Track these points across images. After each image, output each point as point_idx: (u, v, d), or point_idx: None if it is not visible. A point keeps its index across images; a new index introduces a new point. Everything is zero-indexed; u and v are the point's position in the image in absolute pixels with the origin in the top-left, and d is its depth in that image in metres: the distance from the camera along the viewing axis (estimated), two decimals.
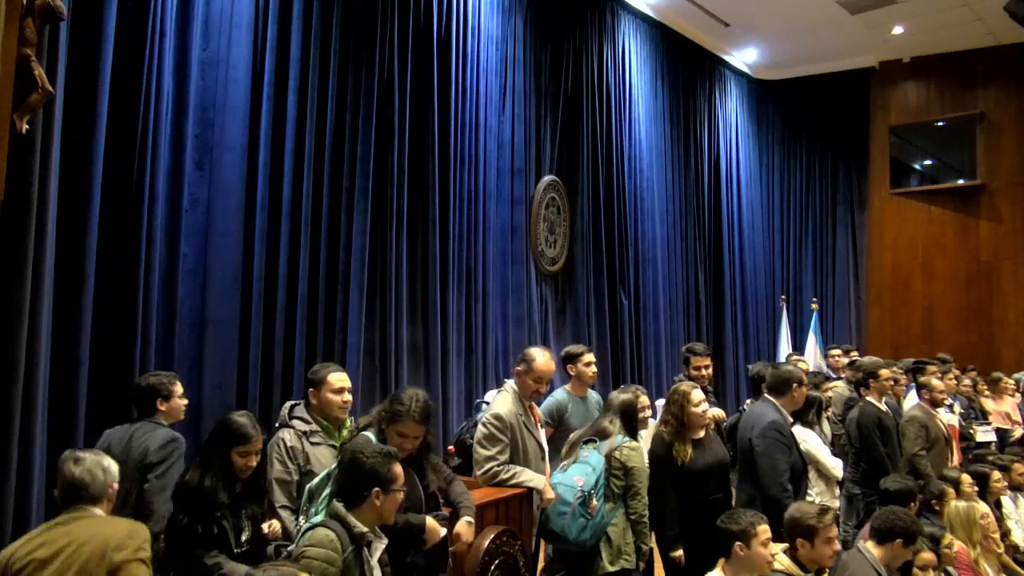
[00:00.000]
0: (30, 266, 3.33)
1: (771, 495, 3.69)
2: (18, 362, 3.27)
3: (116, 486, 2.59)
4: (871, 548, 3.32)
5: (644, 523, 3.62)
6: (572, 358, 4.44)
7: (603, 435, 3.68)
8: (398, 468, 2.54)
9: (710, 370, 4.88)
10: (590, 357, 4.47)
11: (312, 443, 3.28)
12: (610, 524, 3.53)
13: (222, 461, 2.82)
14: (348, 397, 3.41)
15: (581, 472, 3.54)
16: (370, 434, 2.98)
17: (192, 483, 2.78)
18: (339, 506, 2.50)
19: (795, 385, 3.97)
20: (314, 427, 3.32)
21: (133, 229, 4.06)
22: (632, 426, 3.76)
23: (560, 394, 4.36)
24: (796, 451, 3.84)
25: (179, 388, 3.58)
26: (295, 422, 3.34)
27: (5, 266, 3.26)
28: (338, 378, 3.38)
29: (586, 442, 3.70)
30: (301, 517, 2.92)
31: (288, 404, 3.42)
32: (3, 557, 2.36)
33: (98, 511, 2.47)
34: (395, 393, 3.03)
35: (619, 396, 3.87)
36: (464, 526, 2.99)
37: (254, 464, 2.87)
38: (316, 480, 2.91)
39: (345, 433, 3.41)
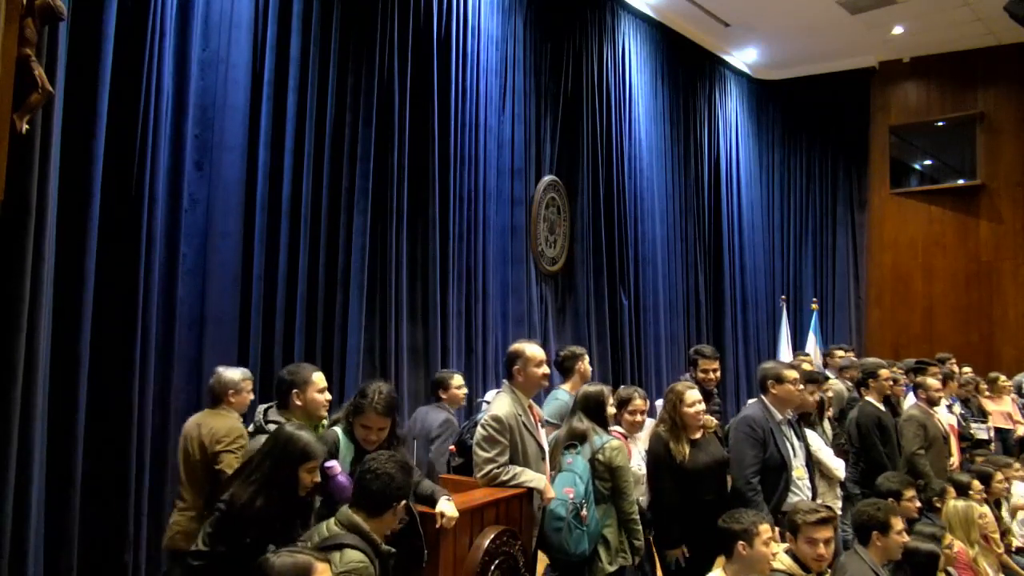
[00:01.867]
0: (30, 266, 3.33)
1: (736, 487, 3.72)
2: (18, 362, 3.27)
3: (234, 391, 3.67)
4: (864, 551, 3.32)
5: (635, 521, 3.59)
6: (577, 357, 4.54)
7: (580, 437, 3.65)
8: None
9: (718, 373, 4.87)
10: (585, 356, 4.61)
11: None
12: (605, 526, 3.51)
13: (286, 480, 2.58)
14: (329, 396, 3.36)
15: (569, 482, 3.51)
16: (338, 429, 2.99)
17: (240, 500, 2.50)
18: (358, 519, 2.48)
19: (771, 382, 3.96)
20: None
21: (133, 229, 4.06)
22: (600, 419, 3.70)
23: (563, 395, 4.36)
24: (775, 447, 3.81)
25: (457, 380, 4.85)
26: (272, 427, 3.17)
27: (5, 266, 3.26)
28: (321, 377, 3.33)
29: (567, 447, 3.65)
30: None
31: (262, 407, 3.30)
32: (186, 427, 3.61)
33: (221, 408, 3.64)
34: (360, 388, 3.03)
35: (583, 389, 3.82)
36: (444, 504, 2.96)
37: (318, 479, 2.73)
38: None
39: (320, 432, 3.34)
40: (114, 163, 3.98)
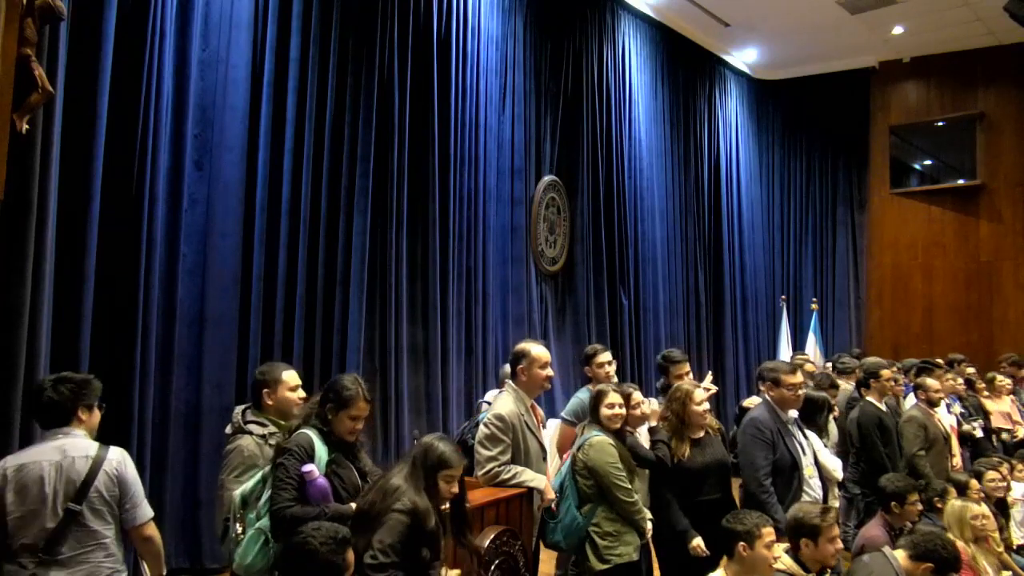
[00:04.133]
0: (30, 266, 3.33)
1: (749, 490, 3.72)
2: (19, 362, 3.27)
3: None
4: (900, 558, 3.27)
5: (636, 512, 3.55)
6: (587, 359, 4.50)
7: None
8: (351, 555, 2.32)
9: (688, 376, 4.81)
10: (602, 357, 4.53)
11: (271, 445, 3.06)
12: (590, 525, 3.51)
13: (432, 488, 2.62)
14: (303, 394, 3.30)
15: (557, 477, 3.64)
16: (308, 431, 2.85)
17: (423, 509, 2.51)
18: None
19: (768, 384, 4.00)
20: (271, 428, 3.15)
21: (133, 229, 4.06)
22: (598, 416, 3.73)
23: (584, 394, 4.35)
24: (785, 447, 3.82)
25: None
26: (252, 426, 3.17)
27: (5, 266, 3.27)
28: (293, 376, 3.29)
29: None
30: (237, 524, 2.81)
31: (239, 408, 3.26)
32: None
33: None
34: (331, 384, 2.90)
35: (589, 390, 3.87)
36: None
37: (456, 490, 2.75)
38: (250, 484, 2.83)
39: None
40: (114, 163, 3.98)
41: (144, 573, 2.79)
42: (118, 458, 2.62)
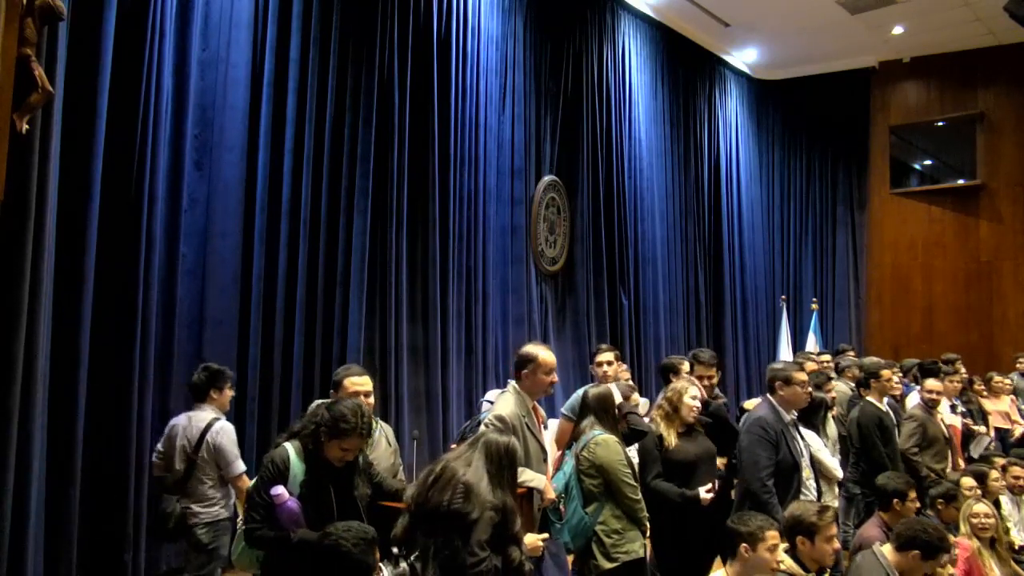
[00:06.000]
0: (30, 266, 3.33)
1: (751, 489, 3.72)
2: (17, 361, 3.27)
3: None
4: (887, 553, 3.27)
5: (639, 509, 3.56)
6: (591, 357, 4.68)
7: (579, 436, 3.69)
8: (377, 554, 2.42)
9: (713, 380, 4.79)
10: (601, 357, 4.56)
11: None
12: (596, 523, 3.51)
13: (514, 487, 2.70)
14: (371, 400, 3.39)
15: (558, 479, 3.61)
16: (289, 446, 2.81)
17: (511, 506, 2.60)
18: None
19: (779, 383, 3.98)
20: None
21: (133, 229, 4.06)
22: (610, 417, 3.70)
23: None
24: (787, 448, 3.82)
25: (687, 365, 4.70)
26: None
27: (5, 266, 3.26)
28: (353, 382, 3.40)
29: (568, 446, 3.72)
30: (240, 519, 2.92)
31: (316, 403, 3.37)
32: None
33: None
34: (335, 407, 2.83)
35: (589, 392, 3.81)
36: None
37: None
38: (254, 482, 2.89)
39: (376, 434, 3.41)
40: (114, 163, 3.98)
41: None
42: (216, 430, 3.66)
